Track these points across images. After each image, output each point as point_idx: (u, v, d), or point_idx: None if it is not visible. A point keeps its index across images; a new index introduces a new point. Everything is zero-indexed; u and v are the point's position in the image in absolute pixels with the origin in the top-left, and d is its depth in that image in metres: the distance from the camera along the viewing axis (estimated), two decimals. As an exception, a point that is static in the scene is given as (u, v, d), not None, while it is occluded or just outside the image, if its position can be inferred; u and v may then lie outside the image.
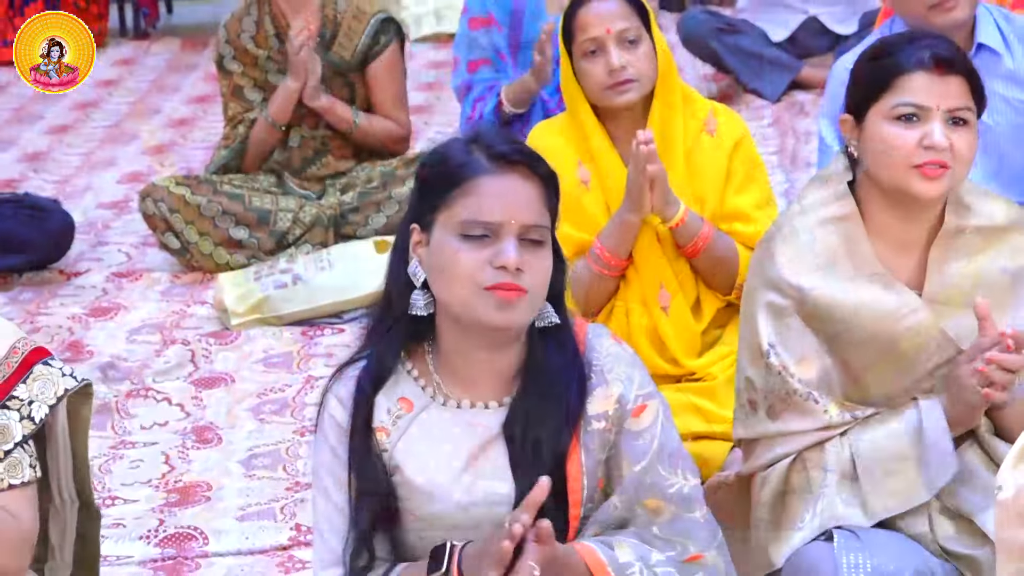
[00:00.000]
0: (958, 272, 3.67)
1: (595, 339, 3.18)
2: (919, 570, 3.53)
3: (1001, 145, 4.68)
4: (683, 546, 3.15)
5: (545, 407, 3.09)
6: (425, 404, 3.13)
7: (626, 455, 3.13)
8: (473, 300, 2.99)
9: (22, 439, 3.34)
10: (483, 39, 6.19)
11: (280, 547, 4.46)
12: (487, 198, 3.01)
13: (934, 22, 4.55)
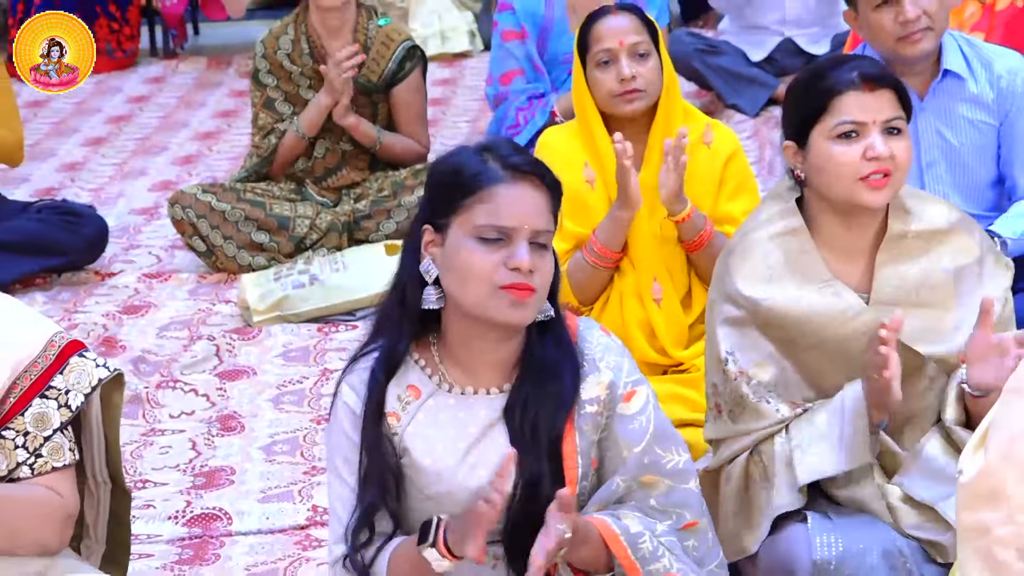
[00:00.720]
0: (903, 275, 3.69)
1: (586, 331, 3.21)
2: (887, 549, 3.55)
3: (966, 162, 4.70)
4: (679, 515, 3.18)
5: (542, 393, 3.11)
6: (432, 391, 3.16)
7: (623, 438, 3.15)
8: (488, 299, 3.02)
9: (60, 425, 3.34)
10: (517, 50, 6.23)
11: (298, 527, 4.47)
12: (503, 205, 3.03)
13: (902, 54, 4.57)
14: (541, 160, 3.19)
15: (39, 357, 3.37)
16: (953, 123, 4.69)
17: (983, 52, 4.79)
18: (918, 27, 4.56)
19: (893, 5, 4.55)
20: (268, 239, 6.04)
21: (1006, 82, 4.74)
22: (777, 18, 7.45)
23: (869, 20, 4.64)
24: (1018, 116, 4.75)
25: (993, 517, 3.02)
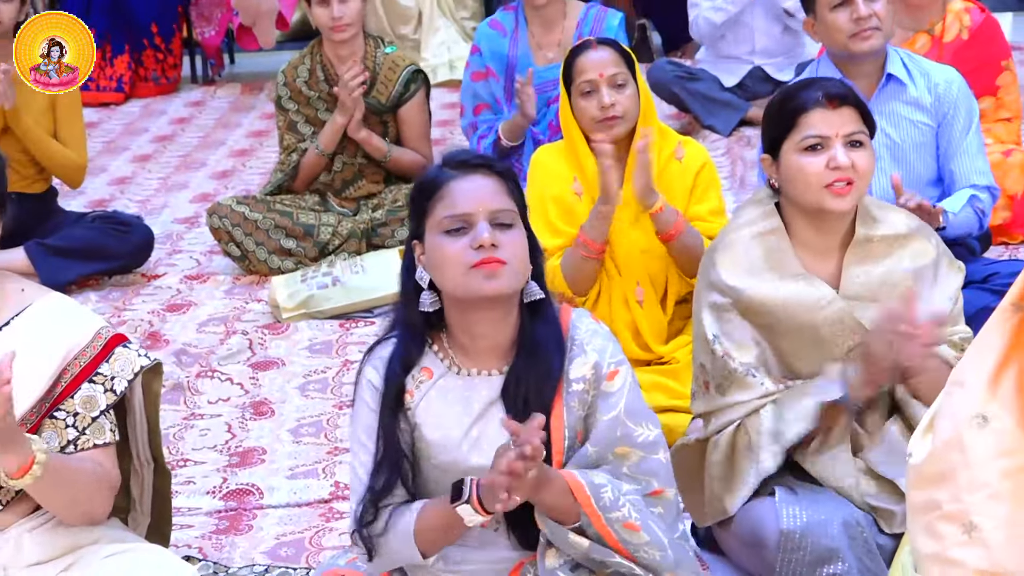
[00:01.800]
0: (868, 273, 3.75)
1: (577, 319, 3.23)
2: (846, 520, 3.57)
3: (908, 158, 4.77)
4: (647, 482, 3.17)
5: (533, 372, 3.14)
6: (442, 373, 3.19)
7: (603, 412, 3.16)
8: (465, 279, 3.06)
9: (105, 408, 3.34)
10: (482, 90, 6.26)
11: (322, 500, 4.47)
12: (457, 197, 3.09)
13: (854, 49, 4.67)
14: (486, 153, 3.26)
15: (87, 347, 3.37)
16: (896, 122, 4.74)
17: (922, 64, 4.89)
18: (869, 25, 4.66)
19: (848, 4, 4.65)
20: (295, 245, 6.04)
21: (943, 89, 4.82)
22: (747, 49, 7.44)
23: (826, 20, 4.73)
24: (954, 118, 4.82)
25: (940, 496, 3.01)
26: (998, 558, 2.95)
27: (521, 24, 6.23)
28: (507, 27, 6.26)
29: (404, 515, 3.12)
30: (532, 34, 6.20)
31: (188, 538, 4.25)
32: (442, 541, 3.11)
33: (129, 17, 8.65)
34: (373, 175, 6.16)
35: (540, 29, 6.18)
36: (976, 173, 4.82)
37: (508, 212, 3.11)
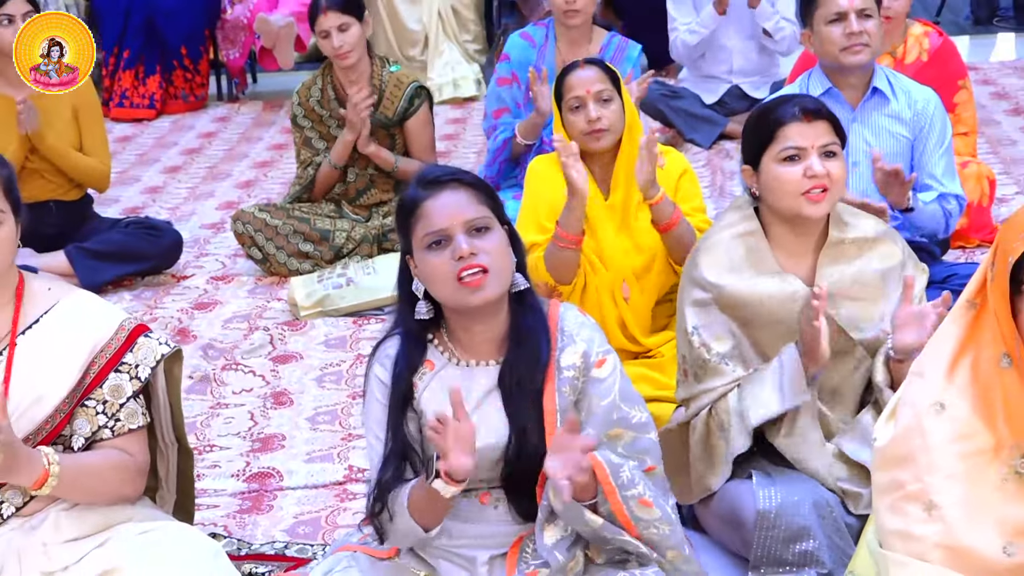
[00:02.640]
0: (840, 273, 3.77)
1: (565, 312, 3.24)
2: (816, 501, 3.59)
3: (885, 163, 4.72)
4: (641, 460, 3.18)
5: (524, 362, 3.15)
6: (443, 364, 3.20)
7: (594, 396, 3.17)
8: (453, 293, 3.09)
9: (132, 394, 3.35)
10: (506, 94, 6.25)
11: (337, 482, 4.47)
12: (432, 214, 3.09)
13: (844, 62, 4.72)
14: (457, 168, 3.27)
15: (112, 339, 3.36)
16: (877, 132, 4.77)
17: (904, 83, 4.93)
18: (859, 41, 4.71)
19: (842, 20, 4.71)
20: (312, 248, 6.04)
21: (922, 106, 4.85)
22: (726, 69, 7.45)
23: (821, 34, 4.77)
24: (929, 133, 4.85)
25: (903, 477, 3.01)
26: (956, 534, 2.95)
27: (551, 39, 6.23)
28: (537, 40, 6.26)
29: (399, 496, 3.13)
30: (559, 50, 6.19)
31: (214, 517, 4.25)
32: (432, 514, 3.10)
33: (161, 40, 8.65)
34: (383, 184, 6.17)
35: (567, 47, 6.17)
36: (947, 183, 4.84)
37: (482, 218, 3.12)
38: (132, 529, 3.34)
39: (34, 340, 3.33)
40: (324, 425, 4.87)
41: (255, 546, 3.97)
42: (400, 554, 3.29)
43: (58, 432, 3.32)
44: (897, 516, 3.01)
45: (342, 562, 3.27)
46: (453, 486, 2.99)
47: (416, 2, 8.69)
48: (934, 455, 2.98)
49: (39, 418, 3.30)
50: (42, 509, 3.36)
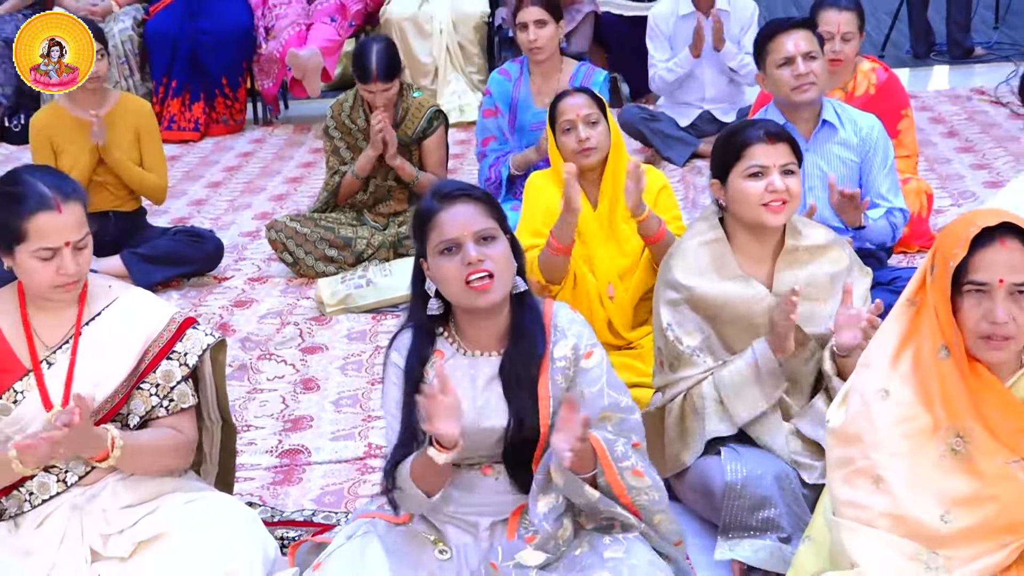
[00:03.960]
0: (795, 276, 3.78)
1: (559, 310, 3.25)
2: (777, 474, 3.60)
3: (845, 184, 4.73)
4: (628, 437, 3.17)
5: (522, 354, 3.16)
6: (452, 354, 3.21)
7: (584, 384, 3.17)
8: (462, 295, 3.10)
9: (182, 378, 3.36)
10: (491, 124, 6.23)
11: (358, 458, 4.46)
12: (445, 224, 3.09)
13: (795, 100, 4.71)
14: (469, 184, 3.28)
15: (164, 330, 3.38)
16: (828, 159, 4.76)
17: (850, 112, 4.93)
18: (806, 81, 4.70)
19: (790, 64, 4.70)
20: (337, 253, 6.03)
21: (866, 133, 4.85)
22: (698, 97, 7.44)
23: (773, 76, 4.77)
24: (874, 156, 4.85)
25: (853, 454, 3.02)
26: (900, 504, 2.96)
27: (525, 73, 6.23)
28: (513, 75, 6.27)
29: (404, 467, 3.14)
30: (533, 82, 6.20)
31: (251, 488, 4.24)
32: (431, 479, 3.11)
33: (204, 72, 8.64)
34: (399, 195, 6.16)
35: (540, 79, 6.18)
36: (892, 199, 4.85)
37: (489, 229, 3.12)
38: (179, 498, 3.35)
39: (96, 331, 3.35)
40: (347, 408, 4.86)
41: (286, 513, 3.96)
42: (413, 520, 3.29)
43: (116, 411, 3.33)
44: (848, 488, 3.01)
45: (362, 527, 3.27)
46: (444, 452, 3.00)
47: (427, 38, 8.69)
48: (880, 435, 2.98)
49: (100, 398, 3.31)
50: (101, 479, 3.37)
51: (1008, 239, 2.88)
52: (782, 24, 4.80)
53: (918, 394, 2.99)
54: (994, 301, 2.88)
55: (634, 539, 3.14)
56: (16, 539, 3.32)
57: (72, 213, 3.21)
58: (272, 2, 8.72)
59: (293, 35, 8.55)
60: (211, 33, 8.59)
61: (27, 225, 3.18)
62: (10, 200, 3.20)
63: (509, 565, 3.12)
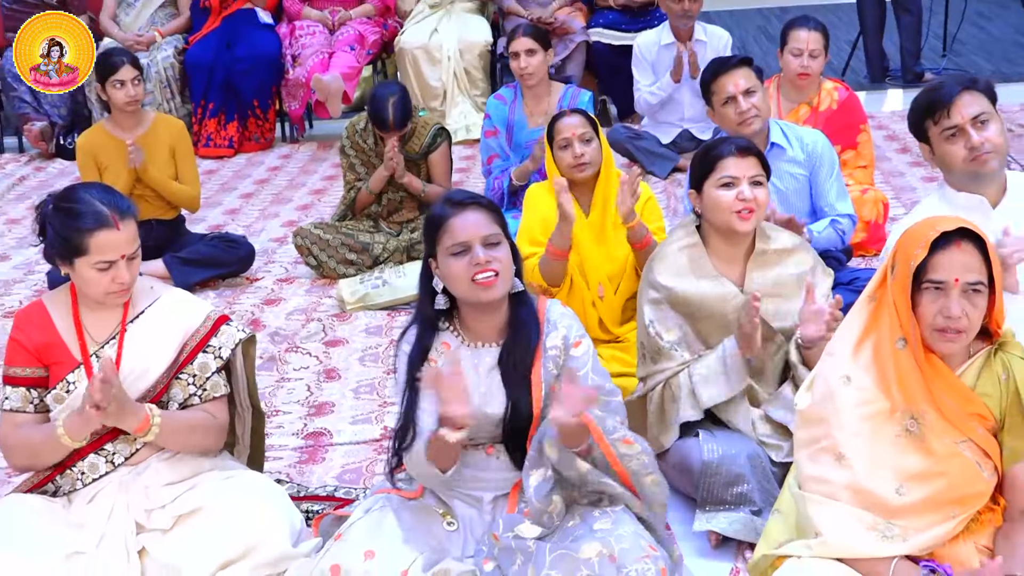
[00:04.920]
0: (764, 276, 3.79)
1: (552, 306, 3.26)
2: (749, 454, 3.62)
3: (790, 199, 4.81)
4: (613, 415, 3.18)
5: (519, 346, 3.17)
6: (457, 345, 3.22)
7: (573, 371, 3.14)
8: (469, 290, 3.11)
9: (216, 369, 3.35)
10: (493, 143, 6.25)
11: (374, 440, 4.44)
12: (456, 228, 3.11)
13: (742, 132, 4.65)
14: (477, 194, 3.28)
15: (201, 327, 3.37)
16: (780, 176, 4.75)
17: (796, 130, 4.93)
18: (749, 115, 4.69)
19: (733, 103, 4.68)
20: (356, 257, 6.02)
21: (811, 147, 4.84)
22: (678, 117, 7.44)
23: (720, 112, 4.77)
24: (820, 167, 4.84)
25: (818, 433, 3.01)
26: (860, 479, 2.95)
27: (518, 97, 6.25)
28: (508, 98, 6.30)
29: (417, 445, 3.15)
30: (526, 104, 6.22)
31: (279, 467, 4.23)
32: (444, 457, 3.11)
33: (238, 95, 8.63)
34: (409, 205, 6.15)
35: (532, 101, 6.21)
36: (839, 205, 4.85)
37: (495, 234, 3.14)
38: (215, 476, 3.36)
39: (140, 327, 3.35)
40: (365, 395, 4.85)
41: (311, 489, 3.96)
42: (424, 495, 3.29)
43: (158, 399, 3.34)
44: (813, 464, 3.01)
45: (379, 501, 3.27)
46: (456, 433, 3.00)
47: (437, 64, 8.68)
48: (843, 417, 2.98)
49: (143, 387, 3.32)
50: (145, 459, 3.37)
51: (964, 243, 2.90)
52: (722, 65, 4.77)
53: (877, 380, 2.98)
54: (949, 298, 2.89)
55: (621, 511, 3.13)
56: (70, 513, 3.33)
57: (127, 229, 3.24)
58: (298, 32, 8.72)
59: (317, 62, 8.54)
60: (244, 60, 8.59)
61: (88, 241, 3.20)
62: (71, 216, 3.21)
63: (509, 536, 3.12)
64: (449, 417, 2.98)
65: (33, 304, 3.40)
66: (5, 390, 3.34)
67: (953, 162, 3.66)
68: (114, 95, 5.82)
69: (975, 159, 3.62)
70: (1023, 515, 2.97)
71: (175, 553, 3.20)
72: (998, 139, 3.62)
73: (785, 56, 5.72)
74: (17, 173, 8.27)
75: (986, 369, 3.00)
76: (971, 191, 3.67)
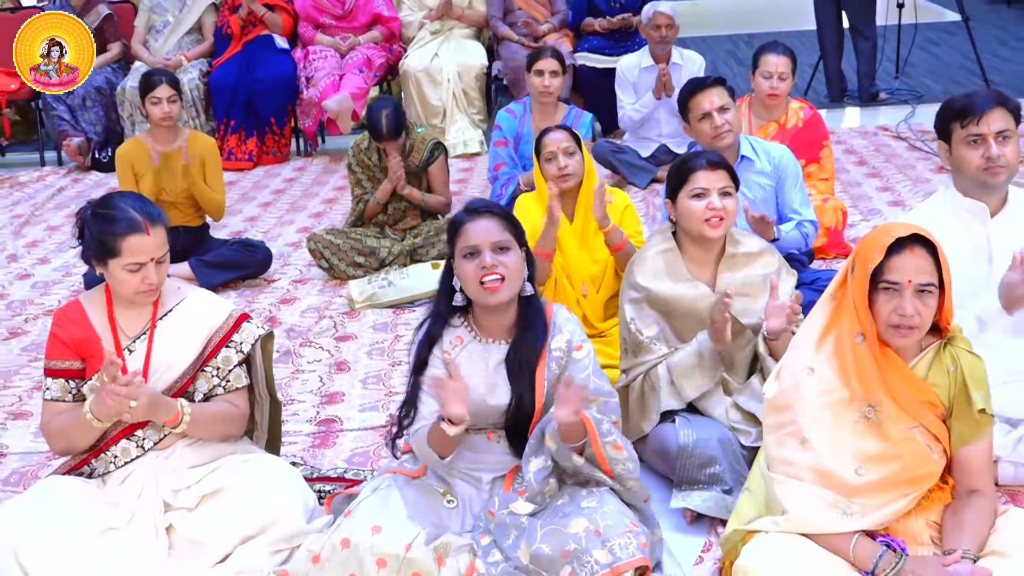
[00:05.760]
0: (734, 277, 3.77)
1: (558, 310, 3.25)
2: (721, 438, 3.60)
3: (758, 207, 4.74)
4: (610, 416, 3.18)
5: (526, 345, 3.15)
6: (469, 340, 3.22)
7: (575, 372, 3.17)
8: (476, 292, 3.11)
9: (237, 363, 3.34)
10: (502, 151, 6.27)
11: (381, 426, 4.41)
12: (470, 233, 3.11)
13: (715, 145, 4.63)
14: (493, 202, 3.29)
15: (223, 324, 3.36)
16: (750, 186, 4.73)
17: (763, 144, 4.90)
18: (723, 130, 4.64)
19: (708, 119, 4.63)
20: (364, 260, 6.01)
21: (777, 160, 4.81)
22: (656, 133, 7.43)
23: (696, 127, 4.72)
24: (785, 178, 4.81)
25: (784, 419, 3.01)
26: (822, 461, 2.95)
27: (527, 111, 6.30)
28: (517, 113, 6.34)
29: (421, 431, 3.15)
30: (534, 118, 6.25)
31: (294, 451, 4.21)
32: (444, 445, 3.11)
33: (257, 113, 8.61)
34: (413, 213, 6.13)
35: (539, 116, 6.23)
36: (803, 212, 4.84)
37: (505, 241, 3.13)
38: (236, 459, 3.35)
39: (169, 324, 3.34)
40: (372, 385, 4.83)
41: (323, 471, 3.95)
42: (427, 475, 3.29)
43: (184, 390, 3.33)
44: (780, 448, 3.00)
45: (385, 481, 3.26)
46: (454, 427, 3.00)
47: (437, 85, 8.67)
48: (807, 405, 2.98)
49: (171, 379, 3.31)
50: (172, 444, 3.36)
51: (917, 247, 2.91)
52: (698, 85, 4.74)
53: (838, 372, 2.98)
54: (903, 298, 2.89)
55: (606, 492, 3.13)
56: (104, 493, 3.33)
57: (157, 235, 3.23)
58: (311, 57, 8.71)
59: (328, 84, 8.53)
60: (262, 82, 8.57)
61: (121, 244, 3.20)
62: (106, 221, 3.22)
63: (504, 513, 3.12)
64: (449, 416, 2.99)
65: (71, 303, 3.40)
66: (46, 382, 3.34)
67: (967, 167, 3.61)
68: (151, 111, 5.85)
69: (988, 169, 3.57)
70: (969, 494, 2.98)
71: (199, 529, 3.20)
72: (1013, 157, 3.59)
73: (756, 78, 5.73)
74: (56, 184, 8.26)
75: (936, 361, 3.00)
76: (975, 197, 3.65)
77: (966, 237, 3.62)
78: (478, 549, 3.09)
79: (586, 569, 2.93)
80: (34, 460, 4.23)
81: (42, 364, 3.43)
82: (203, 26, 8.85)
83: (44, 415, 3.34)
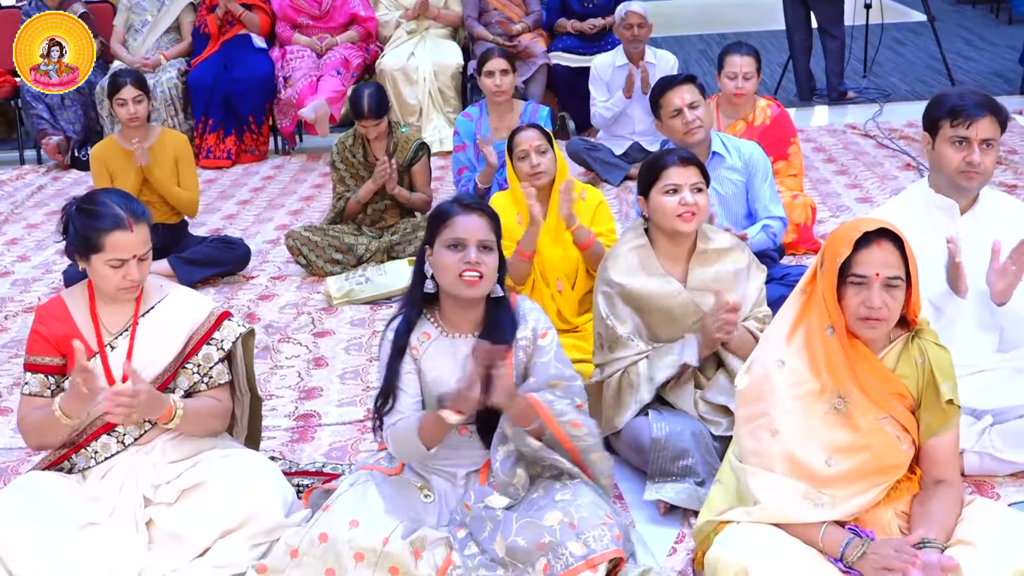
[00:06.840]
0: (705, 273, 3.78)
1: (521, 302, 3.24)
2: (693, 431, 3.62)
3: (729, 203, 4.80)
4: (573, 399, 3.17)
5: (495, 337, 3.12)
6: (437, 335, 3.18)
7: (538, 357, 3.17)
8: (456, 284, 3.07)
9: (218, 360, 3.33)
10: (462, 156, 6.25)
11: (358, 421, 4.41)
12: (457, 226, 3.07)
13: (686, 141, 4.66)
14: (485, 201, 3.28)
15: (205, 321, 3.35)
16: (721, 182, 4.75)
17: (734, 141, 4.94)
18: (694, 126, 4.68)
19: (679, 115, 4.67)
20: (342, 257, 5.99)
21: (747, 156, 4.85)
22: (630, 131, 7.45)
23: (667, 124, 4.75)
24: (755, 174, 4.85)
25: (756, 411, 3.02)
26: (793, 451, 2.96)
27: (484, 113, 6.27)
28: (474, 115, 6.30)
29: (410, 420, 3.12)
30: (491, 120, 6.23)
31: (273, 445, 4.20)
32: (434, 435, 3.09)
33: (236, 112, 8.58)
34: (392, 212, 6.12)
35: (496, 117, 6.22)
36: (772, 207, 4.86)
37: (490, 241, 3.12)
38: (216, 454, 3.34)
39: (150, 321, 3.33)
40: (350, 380, 4.82)
41: (301, 465, 3.94)
42: (404, 471, 3.28)
43: (165, 386, 3.32)
44: (752, 439, 3.01)
45: (363, 476, 3.25)
46: (456, 415, 2.98)
47: (414, 84, 8.66)
48: (777, 396, 2.99)
49: (152, 375, 3.30)
50: (152, 440, 3.35)
51: (884, 242, 2.92)
52: (669, 83, 4.76)
53: (808, 364, 2.99)
54: (871, 291, 2.91)
55: (580, 484, 3.13)
56: (85, 488, 3.32)
57: (141, 232, 3.22)
58: (289, 56, 8.68)
59: (306, 84, 8.50)
60: (240, 81, 8.54)
61: (105, 240, 3.19)
62: (91, 217, 3.21)
63: (480, 506, 3.11)
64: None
65: (53, 299, 3.38)
66: (26, 376, 3.32)
67: (946, 165, 3.62)
68: (118, 112, 5.86)
69: (965, 172, 3.59)
70: (936, 484, 2.99)
71: (179, 523, 3.19)
72: (991, 166, 3.60)
73: (722, 79, 5.75)
74: (36, 183, 8.19)
75: (905, 353, 3.01)
76: (947, 195, 3.67)
77: (934, 232, 3.64)
78: (455, 542, 3.08)
79: (561, 561, 2.93)
80: (14, 456, 4.20)
81: (22, 361, 3.41)
82: (181, 25, 8.81)
83: (21, 409, 3.32)
